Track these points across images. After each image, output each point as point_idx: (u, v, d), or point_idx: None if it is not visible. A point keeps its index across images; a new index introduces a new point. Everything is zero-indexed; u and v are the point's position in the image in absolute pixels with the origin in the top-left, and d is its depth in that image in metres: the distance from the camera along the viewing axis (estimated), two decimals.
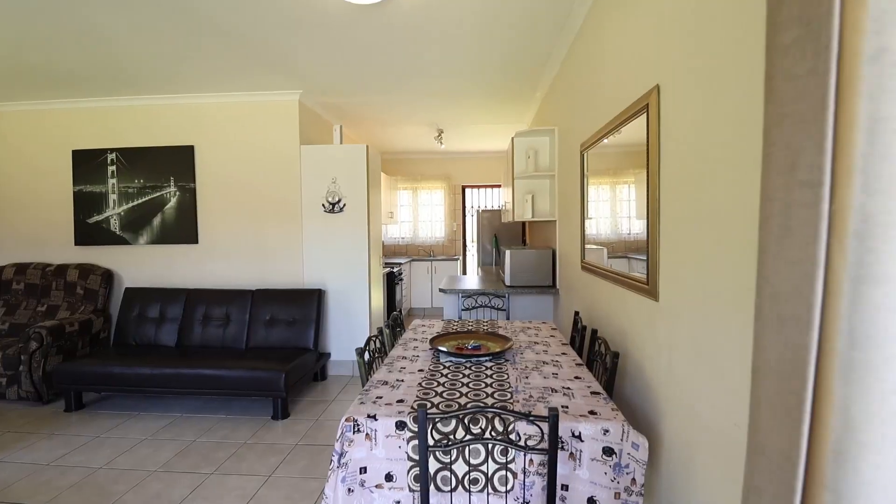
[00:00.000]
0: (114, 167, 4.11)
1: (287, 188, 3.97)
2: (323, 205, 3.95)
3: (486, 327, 2.55)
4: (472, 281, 3.96)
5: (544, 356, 1.97)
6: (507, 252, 3.42)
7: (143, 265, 4.18)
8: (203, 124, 4.03)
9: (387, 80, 3.60)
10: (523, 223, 5.89)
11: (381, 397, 1.52)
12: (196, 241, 4.06)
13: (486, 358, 1.92)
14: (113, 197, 4.12)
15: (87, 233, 4.18)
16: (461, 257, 7.17)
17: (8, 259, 4.34)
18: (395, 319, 2.55)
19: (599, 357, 1.88)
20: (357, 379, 3.92)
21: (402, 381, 1.68)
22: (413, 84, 3.72)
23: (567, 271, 3.04)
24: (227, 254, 4.06)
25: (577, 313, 2.41)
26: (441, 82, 3.69)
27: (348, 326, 3.98)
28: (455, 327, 2.56)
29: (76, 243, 4.21)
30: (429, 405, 1.44)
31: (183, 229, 4.06)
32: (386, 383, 1.66)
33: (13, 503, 2.16)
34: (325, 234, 3.96)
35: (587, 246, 2.53)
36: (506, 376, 1.72)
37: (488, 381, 1.67)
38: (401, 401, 1.49)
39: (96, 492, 2.25)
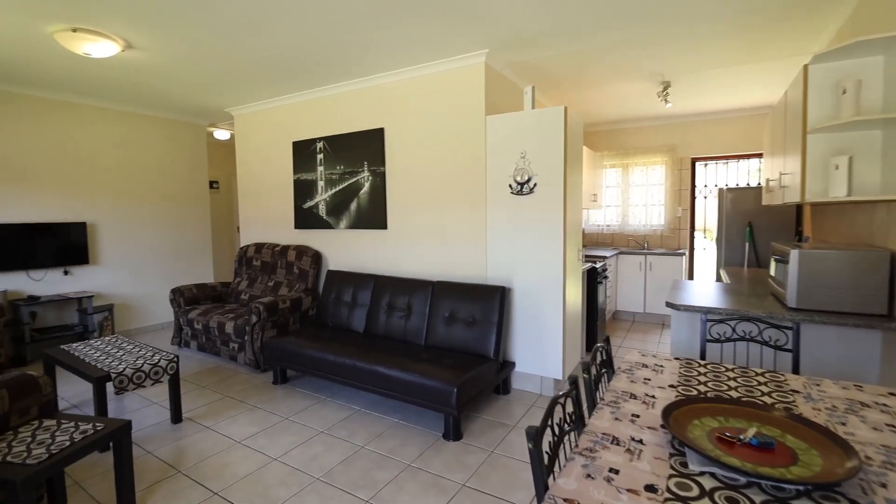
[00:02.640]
0: (321, 155, 4.32)
1: (470, 167, 3.46)
2: (510, 185, 3.29)
3: (763, 385, 1.47)
4: (713, 291, 2.73)
5: None
6: (794, 254, 2.12)
7: (341, 249, 4.32)
8: (391, 105, 3.84)
9: (594, 13, 2.66)
10: (798, 207, 4.08)
11: None
12: (385, 227, 3.95)
13: (798, 488, 0.93)
14: (321, 183, 4.35)
15: (303, 217, 4.54)
16: (687, 252, 5.60)
17: (253, 238, 5.11)
18: (600, 352, 1.69)
19: None
20: (546, 401, 3.20)
21: None
22: (631, 14, 2.67)
23: None
24: (412, 241, 3.83)
25: None
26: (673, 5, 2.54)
27: (537, 333, 3.27)
28: (703, 377, 1.56)
29: (295, 226, 4.63)
30: None
31: (374, 214, 4.00)
32: None
33: (193, 479, 2.22)
34: (511, 220, 3.30)
35: None
36: None
37: None
38: None
39: (260, 492, 2.14)
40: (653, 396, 1.41)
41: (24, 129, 4.22)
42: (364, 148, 3.99)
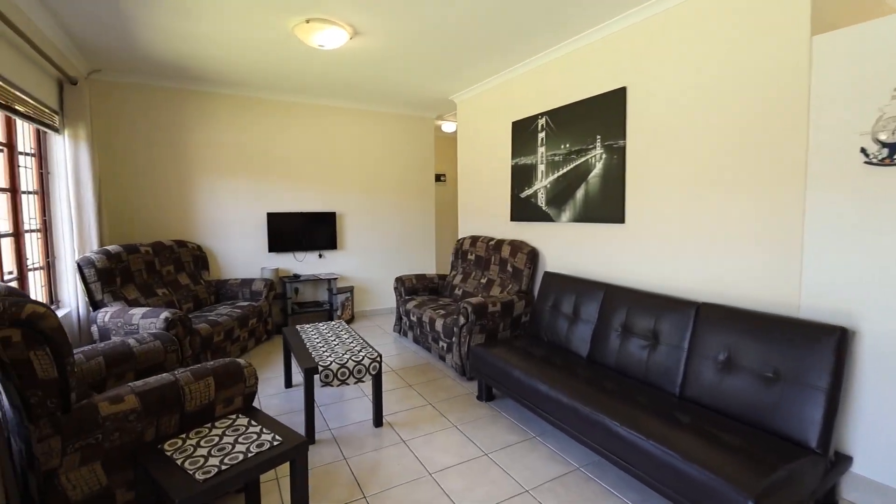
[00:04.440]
0: (543, 134, 3.62)
1: (772, 125, 2.17)
2: (863, 149, 1.89)
3: None
4: None
5: None
6: None
7: (562, 247, 3.55)
8: (637, 53, 2.81)
9: None
10: None
11: None
12: (621, 220, 2.98)
13: None
14: (541, 168, 3.67)
15: (520, 207, 3.97)
16: None
17: (470, 230, 4.84)
18: None
19: None
20: None
21: None
22: None
23: None
24: (663, 240, 2.75)
25: None
26: None
27: None
28: None
29: (511, 218, 4.10)
30: None
31: (606, 203, 3.08)
32: None
33: None
34: (863, 210, 1.90)
35: None
36: None
37: None
38: None
39: None
40: None
41: (291, 131, 4.91)
42: (597, 118, 3.10)
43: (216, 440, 1.66)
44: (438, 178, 7.30)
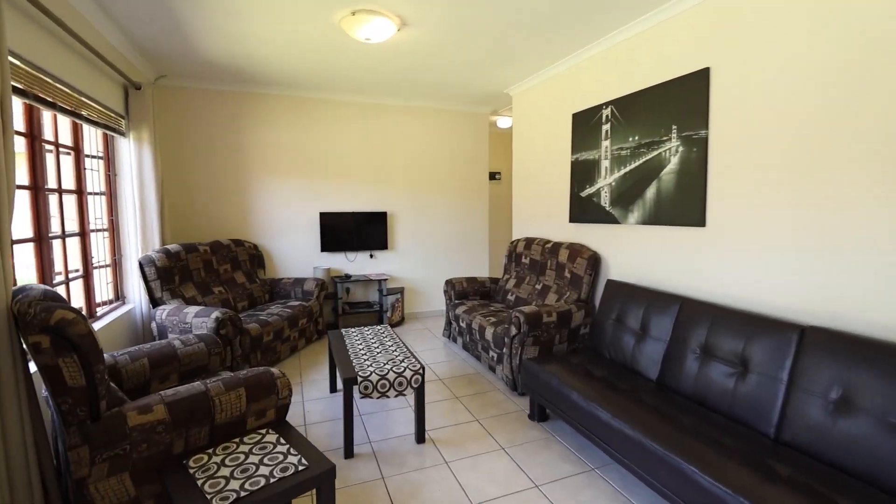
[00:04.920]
0: (608, 126, 3.27)
1: None
2: None
3: None
4: None
5: None
6: None
7: (628, 252, 3.18)
8: (725, 27, 2.40)
9: None
10: None
11: None
12: (701, 223, 2.59)
13: None
14: (605, 164, 3.32)
15: (580, 207, 3.63)
16: None
17: (525, 232, 4.56)
18: None
19: None
20: None
21: None
22: None
23: None
24: (754, 248, 2.33)
25: None
26: None
27: None
28: None
29: (570, 219, 3.77)
30: None
31: (683, 203, 2.69)
32: None
33: None
34: None
35: None
36: None
37: None
38: None
39: None
40: None
41: (343, 130, 4.88)
42: (672, 105, 2.72)
43: (241, 458, 1.56)
44: (493, 176, 7.04)
